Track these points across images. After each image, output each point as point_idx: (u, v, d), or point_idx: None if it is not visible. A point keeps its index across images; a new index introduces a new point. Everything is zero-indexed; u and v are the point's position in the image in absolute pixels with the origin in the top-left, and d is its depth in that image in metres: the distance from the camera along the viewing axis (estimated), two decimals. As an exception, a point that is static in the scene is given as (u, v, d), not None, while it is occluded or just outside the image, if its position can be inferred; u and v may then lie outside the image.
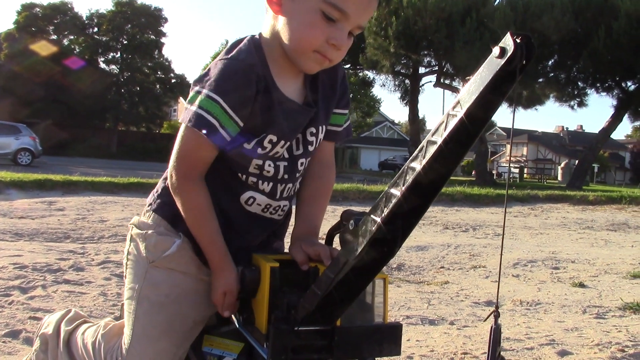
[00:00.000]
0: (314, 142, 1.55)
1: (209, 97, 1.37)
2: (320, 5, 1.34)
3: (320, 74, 1.53)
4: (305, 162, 1.57)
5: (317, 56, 1.40)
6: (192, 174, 1.45)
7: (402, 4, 23.43)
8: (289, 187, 1.56)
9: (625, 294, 4.55)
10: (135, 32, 45.57)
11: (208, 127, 1.38)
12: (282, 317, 1.35)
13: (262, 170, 1.50)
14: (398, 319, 3.54)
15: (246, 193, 1.52)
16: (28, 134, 23.57)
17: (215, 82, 1.38)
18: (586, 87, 27.65)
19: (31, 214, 7.67)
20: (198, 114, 1.38)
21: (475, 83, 0.86)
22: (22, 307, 3.39)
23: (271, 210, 1.57)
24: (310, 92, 1.52)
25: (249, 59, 1.42)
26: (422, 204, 1.03)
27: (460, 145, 0.92)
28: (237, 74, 1.40)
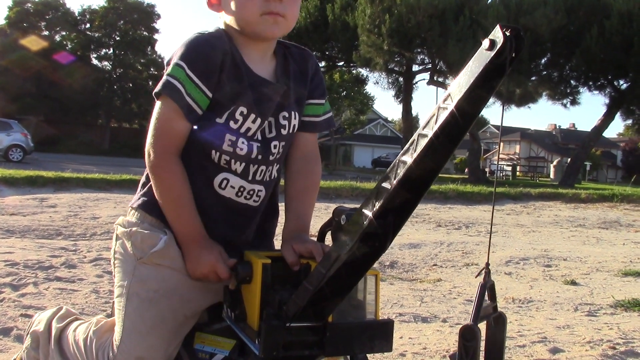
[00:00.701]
0: (286, 127, 1.57)
1: (176, 64, 1.43)
2: None
3: (291, 63, 1.58)
4: (279, 145, 1.57)
5: (266, 18, 1.45)
6: (169, 148, 1.46)
7: (396, 2, 23.43)
8: (262, 170, 1.56)
9: (616, 292, 4.57)
10: (128, 29, 45.42)
11: (174, 91, 1.42)
12: (273, 313, 1.35)
13: (235, 148, 1.50)
14: (391, 317, 3.54)
15: (219, 175, 1.53)
16: (19, 130, 23.45)
17: (181, 52, 1.44)
18: (579, 85, 27.76)
19: (22, 211, 7.63)
20: (166, 81, 1.43)
21: (465, 76, 0.86)
22: (13, 304, 3.37)
23: (245, 195, 1.56)
24: (281, 77, 1.56)
25: (215, 33, 1.49)
26: (414, 198, 1.03)
27: (451, 138, 0.92)
28: (202, 44, 1.45)
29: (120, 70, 45.66)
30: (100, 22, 44.49)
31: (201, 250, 1.47)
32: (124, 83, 45.40)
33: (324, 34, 27.80)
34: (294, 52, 1.62)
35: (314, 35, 27.95)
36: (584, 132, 46.57)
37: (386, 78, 31.94)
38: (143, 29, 46.10)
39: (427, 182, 0.99)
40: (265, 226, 1.68)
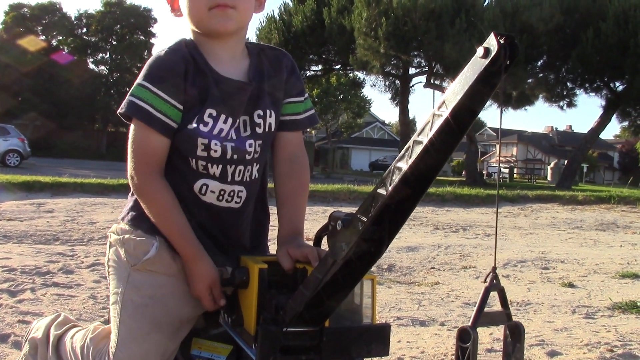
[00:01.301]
0: (262, 125, 1.57)
1: (140, 85, 1.45)
2: None
3: (265, 63, 1.58)
4: (254, 144, 1.57)
5: (215, 11, 1.45)
6: (150, 167, 1.47)
7: (392, 5, 23.47)
8: (240, 170, 1.56)
9: (614, 294, 4.57)
10: (125, 33, 45.42)
11: (143, 114, 1.43)
12: (270, 318, 1.35)
13: (209, 150, 1.50)
14: (389, 320, 3.54)
15: (199, 181, 1.53)
16: (16, 135, 23.43)
17: (145, 71, 1.46)
18: (575, 87, 27.81)
19: (20, 216, 7.62)
20: (129, 102, 1.45)
21: (460, 83, 0.87)
22: (10, 310, 3.37)
23: (227, 198, 1.56)
24: (254, 75, 1.56)
25: (174, 46, 1.51)
26: (409, 204, 1.03)
27: (446, 145, 0.92)
28: (164, 60, 1.47)
29: (117, 74, 45.65)
30: (97, 26, 44.48)
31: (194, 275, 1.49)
32: (121, 87, 45.31)
33: (321, 37, 27.82)
34: (268, 53, 1.63)
35: (310, 39, 27.98)
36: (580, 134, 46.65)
37: (383, 81, 31.99)
38: (140, 33, 46.10)
39: (422, 188, 1.00)
40: (258, 230, 1.68)
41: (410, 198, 1.01)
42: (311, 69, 32.65)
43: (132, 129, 1.47)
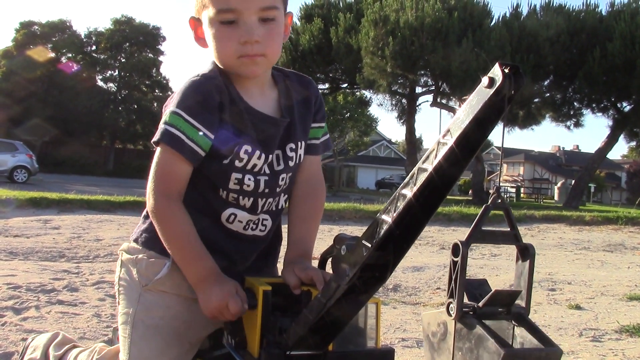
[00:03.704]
0: (294, 158, 1.57)
1: (173, 113, 1.42)
2: (213, 17, 1.42)
3: (293, 92, 1.57)
4: (286, 177, 1.57)
5: (243, 60, 1.44)
6: (170, 193, 1.45)
7: (399, 24, 23.60)
8: (269, 202, 1.56)
9: (621, 317, 4.53)
10: (134, 51, 45.77)
11: (175, 140, 1.41)
12: (274, 341, 1.35)
13: (242, 185, 1.50)
14: (394, 342, 3.52)
15: (227, 210, 1.52)
16: (24, 152, 23.56)
17: (178, 98, 1.43)
18: (582, 107, 27.80)
19: (26, 233, 7.64)
20: (164, 130, 1.42)
21: (465, 112, 0.87)
22: (15, 328, 3.36)
23: (252, 227, 1.56)
24: (285, 108, 1.55)
25: (210, 74, 1.48)
26: (414, 230, 1.03)
27: (451, 174, 0.92)
28: (198, 87, 1.45)
29: (125, 91, 45.94)
30: (106, 44, 44.84)
31: (212, 288, 1.42)
32: (129, 104, 45.61)
33: (328, 57, 27.96)
34: (294, 81, 1.61)
35: (317, 58, 28.15)
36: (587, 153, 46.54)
37: (390, 100, 32.04)
38: (148, 51, 46.44)
39: (427, 215, 1.00)
40: (269, 251, 1.68)
41: (415, 224, 1.01)
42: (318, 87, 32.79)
43: (158, 152, 1.45)
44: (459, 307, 0.90)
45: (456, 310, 0.90)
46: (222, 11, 1.41)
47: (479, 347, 0.87)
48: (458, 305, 0.90)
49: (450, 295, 0.91)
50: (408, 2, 23.98)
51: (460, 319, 0.90)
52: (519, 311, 0.95)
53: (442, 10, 23.46)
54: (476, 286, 0.96)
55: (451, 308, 0.91)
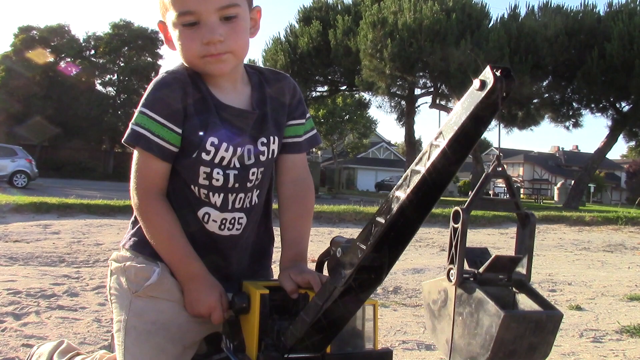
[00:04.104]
0: (265, 152, 1.57)
1: (140, 112, 1.46)
2: (176, 20, 1.43)
3: (267, 88, 1.58)
4: (257, 172, 1.57)
5: (208, 59, 1.45)
6: (151, 190, 1.48)
7: (397, 26, 23.63)
8: (240, 197, 1.56)
9: (622, 317, 4.53)
10: (132, 55, 45.78)
11: (141, 139, 1.44)
12: (272, 344, 1.35)
13: (211, 180, 1.51)
14: (394, 344, 3.52)
15: (202, 209, 1.54)
16: (24, 157, 23.56)
17: (144, 99, 1.48)
18: (581, 107, 27.81)
19: (26, 238, 7.64)
20: (130, 130, 1.46)
21: (457, 114, 0.88)
22: (15, 334, 3.36)
23: (228, 226, 1.56)
24: (257, 103, 1.56)
25: (174, 70, 1.51)
26: (408, 232, 1.03)
27: (443, 175, 0.93)
28: (162, 84, 1.48)
29: (124, 95, 45.93)
30: (105, 48, 44.86)
31: (200, 289, 1.46)
32: (128, 108, 45.54)
33: (327, 59, 27.99)
34: (269, 78, 1.62)
35: (316, 60, 28.17)
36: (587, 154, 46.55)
37: (389, 102, 32.11)
38: (147, 55, 46.45)
39: (421, 217, 1.00)
40: (261, 254, 1.68)
41: (409, 226, 1.02)
42: (317, 90, 32.83)
43: (134, 155, 1.49)
44: (459, 272, 0.90)
45: (456, 275, 0.90)
46: (182, 14, 1.42)
47: (479, 310, 0.87)
48: (458, 270, 0.90)
49: (450, 262, 0.91)
50: (406, 4, 24.00)
51: (460, 284, 0.90)
52: (520, 278, 0.95)
53: (440, 11, 23.49)
54: (477, 254, 0.96)
55: (451, 274, 0.91)
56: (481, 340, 0.87)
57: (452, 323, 0.92)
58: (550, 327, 0.90)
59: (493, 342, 0.85)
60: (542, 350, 0.90)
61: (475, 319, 0.88)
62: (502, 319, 0.84)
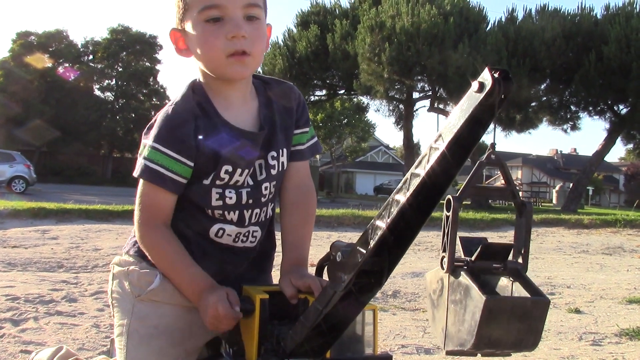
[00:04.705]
0: (276, 166, 1.57)
1: (151, 147, 1.43)
2: (198, 17, 1.40)
3: (274, 100, 1.57)
4: (270, 186, 1.57)
5: (232, 59, 1.42)
6: (156, 222, 1.47)
7: (395, 30, 23.64)
8: (256, 212, 1.56)
9: (621, 320, 4.53)
10: (131, 60, 45.76)
11: (155, 175, 1.43)
12: (271, 349, 1.35)
13: (225, 199, 1.51)
14: (393, 349, 3.51)
15: (215, 226, 1.53)
16: (22, 162, 23.54)
17: (155, 132, 1.44)
18: (579, 110, 27.81)
19: (24, 243, 7.63)
20: (144, 165, 1.44)
21: (455, 116, 0.88)
22: (13, 340, 3.35)
23: (242, 239, 1.57)
24: (264, 118, 1.54)
25: (183, 102, 1.48)
26: (408, 236, 1.03)
27: (443, 178, 0.93)
28: (173, 118, 1.45)
29: (122, 100, 45.91)
30: (103, 53, 44.85)
31: (205, 297, 1.44)
32: (127, 113, 45.57)
33: (325, 63, 27.99)
34: (275, 88, 1.61)
35: (314, 64, 28.16)
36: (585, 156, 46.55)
37: (387, 105, 32.06)
38: (145, 60, 46.44)
39: (421, 220, 1.00)
40: (263, 259, 1.68)
41: (409, 230, 1.01)
42: (315, 94, 32.81)
43: (141, 185, 1.48)
44: (450, 260, 0.90)
45: (448, 263, 0.90)
46: (207, 8, 1.39)
47: (466, 297, 0.87)
48: (449, 258, 0.90)
49: (443, 250, 0.91)
50: (404, 8, 24.02)
51: (452, 272, 0.90)
52: (516, 267, 0.94)
53: (438, 15, 23.50)
54: (475, 243, 0.95)
55: (444, 262, 0.91)
56: (468, 326, 0.86)
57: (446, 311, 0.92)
58: (537, 314, 0.88)
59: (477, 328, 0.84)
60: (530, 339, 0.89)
61: (464, 306, 0.88)
62: (484, 304, 0.83)
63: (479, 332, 0.84)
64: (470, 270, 0.90)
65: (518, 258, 0.94)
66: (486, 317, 0.84)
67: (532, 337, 0.89)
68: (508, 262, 0.94)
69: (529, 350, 0.91)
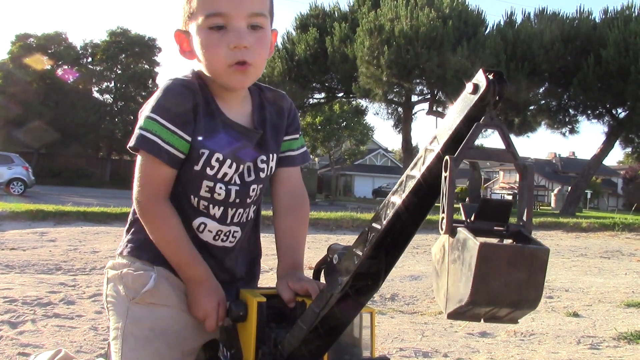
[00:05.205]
0: (265, 169, 1.58)
1: (148, 117, 1.43)
2: (203, 23, 1.41)
3: (267, 106, 1.59)
4: (257, 188, 1.58)
5: (234, 69, 1.43)
6: (156, 194, 1.47)
7: (394, 33, 23.66)
8: (239, 212, 1.57)
9: (619, 324, 4.53)
10: (129, 62, 45.78)
11: (151, 145, 1.42)
12: (269, 352, 1.34)
13: (213, 193, 1.51)
14: (391, 352, 3.51)
15: (198, 219, 1.53)
16: (21, 164, 23.53)
17: (153, 103, 1.44)
18: (577, 114, 27.84)
19: (23, 245, 7.61)
20: (139, 135, 1.43)
21: (450, 118, 0.88)
22: (11, 342, 3.35)
23: (222, 237, 1.57)
24: (258, 121, 1.57)
25: (187, 80, 1.48)
26: (404, 237, 1.03)
27: (438, 180, 0.92)
28: (173, 91, 1.45)
29: (121, 103, 45.91)
30: (102, 55, 44.85)
31: (201, 293, 1.46)
32: (125, 116, 45.55)
33: (324, 66, 28.01)
34: (268, 95, 1.63)
35: (313, 67, 28.18)
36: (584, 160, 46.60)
37: (386, 108, 32.10)
38: (144, 62, 46.45)
39: (417, 222, 1.00)
40: (252, 264, 1.69)
41: (405, 232, 1.01)
42: (314, 96, 32.84)
43: (139, 159, 1.47)
44: (449, 220, 0.87)
45: (447, 223, 0.86)
46: (211, 15, 1.40)
47: (463, 251, 0.83)
48: (448, 218, 0.86)
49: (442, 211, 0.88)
50: (403, 11, 24.06)
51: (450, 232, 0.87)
52: (518, 229, 0.89)
53: (436, 18, 23.54)
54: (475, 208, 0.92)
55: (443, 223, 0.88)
56: (465, 279, 0.82)
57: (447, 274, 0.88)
58: (537, 264, 0.83)
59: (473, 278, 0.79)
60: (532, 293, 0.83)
61: (461, 261, 0.83)
62: (479, 249, 0.79)
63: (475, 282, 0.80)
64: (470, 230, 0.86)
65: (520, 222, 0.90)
66: (481, 265, 0.79)
67: (533, 291, 0.83)
68: (510, 225, 0.90)
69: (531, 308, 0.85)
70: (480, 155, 0.89)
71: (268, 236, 1.69)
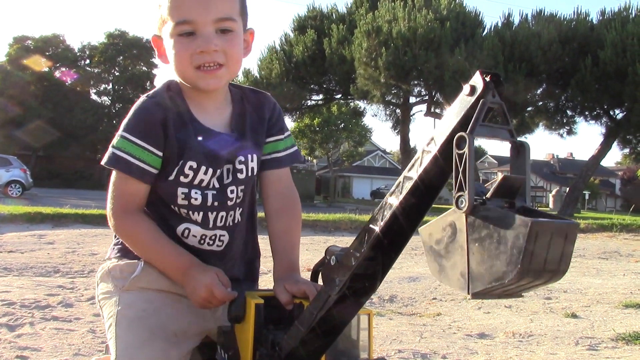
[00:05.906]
0: (243, 171, 1.58)
1: (120, 137, 1.48)
2: (173, 30, 1.45)
3: (248, 108, 1.61)
4: (237, 190, 1.58)
5: (200, 72, 1.47)
6: (127, 209, 1.50)
7: (392, 35, 23.68)
8: (222, 216, 1.57)
9: (617, 325, 4.53)
10: (127, 64, 45.83)
11: (122, 163, 1.47)
12: (266, 354, 1.34)
13: (190, 199, 1.53)
14: (390, 354, 3.50)
15: (181, 225, 1.55)
16: (19, 166, 23.53)
17: (125, 122, 1.49)
18: (575, 115, 27.86)
19: (21, 248, 7.60)
20: (110, 154, 1.49)
21: (447, 120, 0.88)
22: (9, 345, 3.34)
23: (208, 242, 1.58)
24: (236, 124, 1.58)
25: (154, 94, 1.53)
26: (401, 239, 1.03)
27: (436, 181, 0.93)
28: (143, 109, 1.50)
29: (119, 105, 45.92)
30: (100, 57, 44.88)
31: (195, 275, 1.47)
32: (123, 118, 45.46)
33: (322, 67, 28.02)
34: (250, 97, 1.64)
35: (311, 69, 28.19)
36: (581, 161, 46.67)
37: (384, 110, 32.11)
38: (142, 64, 46.49)
39: (414, 223, 1.00)
40: (250, 267, 1.70)
41: (402, 233, 1.02)
42: (312, 98, 32.84)
43: (112, 175, 1.52)
44: (471, 198, 0.85)
45: (468, 202, 0.85)
46: (180, 23, 1.44)
47: (499, 229, 0.83)
48: (470, 196, 0.85)
49: (458, 189, 0.87)
50: (400, 12, 24.08)
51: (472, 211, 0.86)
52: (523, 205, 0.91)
53: (434, 20, 23.56)
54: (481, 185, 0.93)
55: (461, 201, 0.86)
56: (506, 257, 0.83)
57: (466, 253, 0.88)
58: (572, 237, 0.87)
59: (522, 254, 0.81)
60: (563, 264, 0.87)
61: (496, 239, 0.83)
62: (530, 227, 0.80)
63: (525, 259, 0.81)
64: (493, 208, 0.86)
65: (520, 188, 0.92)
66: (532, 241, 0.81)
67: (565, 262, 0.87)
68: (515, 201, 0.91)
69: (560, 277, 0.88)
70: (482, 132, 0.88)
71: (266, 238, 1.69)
